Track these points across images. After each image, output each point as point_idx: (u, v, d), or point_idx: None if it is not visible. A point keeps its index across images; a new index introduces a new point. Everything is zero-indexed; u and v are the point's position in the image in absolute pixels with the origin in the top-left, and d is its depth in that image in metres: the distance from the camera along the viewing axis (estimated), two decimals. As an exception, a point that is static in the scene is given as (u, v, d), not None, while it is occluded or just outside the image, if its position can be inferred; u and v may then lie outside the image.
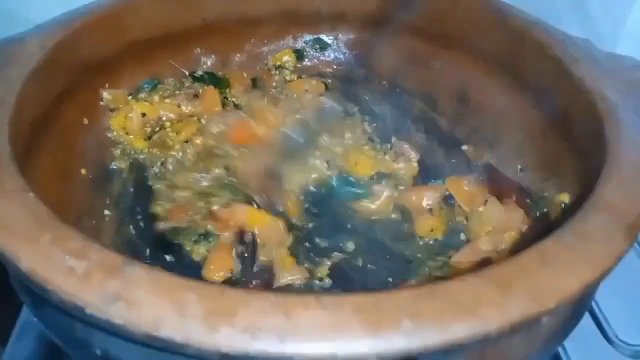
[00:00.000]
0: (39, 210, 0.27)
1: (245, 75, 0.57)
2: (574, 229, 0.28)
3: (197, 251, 0.44)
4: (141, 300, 0.23)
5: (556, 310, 0.25)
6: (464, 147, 0.53)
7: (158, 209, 0.46)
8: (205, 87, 0.54)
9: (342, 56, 0.61)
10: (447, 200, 0.49)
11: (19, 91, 0.37)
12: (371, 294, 0.24)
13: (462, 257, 0.44)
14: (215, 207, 0.46)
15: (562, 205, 0.42)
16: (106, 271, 0.24)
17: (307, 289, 0.42)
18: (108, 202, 0.46)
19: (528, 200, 0.46)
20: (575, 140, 0.42)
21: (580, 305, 0.33)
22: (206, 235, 0.44)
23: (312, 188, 0.50)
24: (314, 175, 0.50)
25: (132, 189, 0.48)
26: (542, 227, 0.43)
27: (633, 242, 0.29)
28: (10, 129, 0.33)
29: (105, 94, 0.49)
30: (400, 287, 0.27)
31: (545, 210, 0.44)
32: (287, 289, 0.42)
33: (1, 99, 0.35)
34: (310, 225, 0.47)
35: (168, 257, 0.44)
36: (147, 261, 0.43)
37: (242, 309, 0.23)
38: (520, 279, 0.25)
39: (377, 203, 0.49)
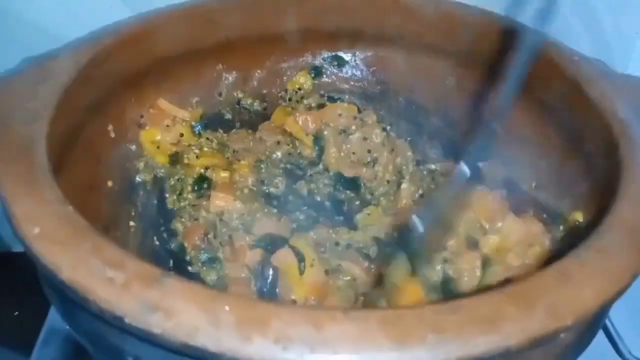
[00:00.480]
0: (78, 222, 0.29)
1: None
2: (591, 247, 0.29)
3: (207, 274, 0.45)
4: (178, 310, 0.24)
5: (573, 326, 0.26)
6: (480, 165, 0.54)
7: (178, 225, 0.48)
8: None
9: (359, 73, 0.62)
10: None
11: (54, 106, 0.38)
12: (396, 309, 0.25)
13: (494, 277, 0.43)
14: (240, 243, 0.45)
15: (577, 223, 0.43)
16: (144, 282, 0.25)
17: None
18: (133, 213, 0.47)
19: (545, 215, 0.47)
20: (590, 159, 0.43)
21: (597, 321, 0.33)
22: (213, 260, 0.45)
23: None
24: None
25: (155, 202, 0.49)
26: (565, 242, 0.44)
27: (649, 259, 0.30)
28: (47, 143, 0.35)
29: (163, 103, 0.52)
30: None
31: (561, 226, 0.45)
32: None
33: (38, 114, 0.37)
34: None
35: (190, 269, 0.45)
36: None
37: (274, 320, 0.24)
38: (540, 295, 0.26)
39: None
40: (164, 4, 0.53)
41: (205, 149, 0.53)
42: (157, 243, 0.46)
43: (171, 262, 0.45)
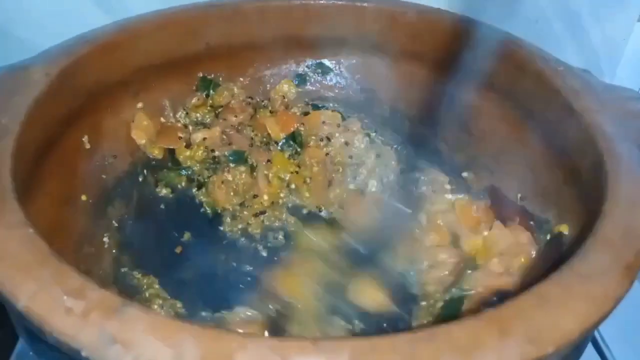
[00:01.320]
0: (39, 247, 0.27)
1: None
2: (573, 269, 0.28)
3: None
4: (138, 342, 0.23)
5: (555, 354, 0.25)
6: (464, 174, 0.53)
7: None
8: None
9: (343, 81, 0.61)
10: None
11: (22, 120, 0.37)
12: (368, 338, 0.24)
13: (476, 283, 0.43)
14: None
15: (562, 235, 0.42)
16: (104, 311, 0.24)
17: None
18: (108, 228, 0.46)
19: (532, 223, 0.46)
20: (576, 172, 0.42)
21: (582, 343, 0.33)
22: None
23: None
24: None
25: (132, 215, 0.48)
26: (551, 254, 0.43)
27: (633, 282, 0.29)
28: (13, 161, 0.34)
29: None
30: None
31: (548, 237, 0.44)
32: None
33: (5, 128, 0.36)
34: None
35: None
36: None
37: (240, 354, 0.23)
38: (519, 321, 0.25)
39: None
40: (143, 11, 0.52)
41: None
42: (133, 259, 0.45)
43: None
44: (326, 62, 0.60)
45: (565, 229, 0.42)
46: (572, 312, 0.26)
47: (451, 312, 0.41)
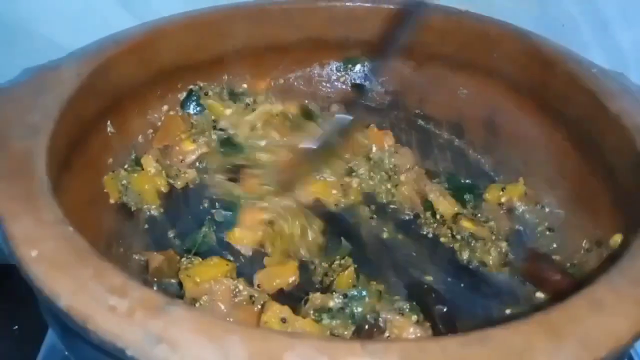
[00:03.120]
0: (79, 244, 0.27)
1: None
2: (622, 272, 0.28)
3: None
4: (184, 342, 0.22)
5: (607, 358, 0.25)
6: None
7: None
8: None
9: (368, 83, 0.60)
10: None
11: (55, 119, 0.37)
12: (418, 341, 0.23)
13: None
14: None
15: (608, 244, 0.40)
16: (148, 310, 0.23)
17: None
18: (136, 229, 0.45)
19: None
20: (613, 176, 0.41)
21: (627, 351, 0.32)
22: None
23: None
24: None
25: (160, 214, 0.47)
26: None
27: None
28: (48, 158, 0.33)
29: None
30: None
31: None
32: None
33: (39, 127, 0.35)
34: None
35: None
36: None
37: (287, 354, 0.22)
38: (571, 325, 0.25)
39: None
40: (169, 12, 0.52)
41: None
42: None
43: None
44: (350, 64, 0.60)
45: (618, 239, 0.40)
46: (624, 316, 0.26)
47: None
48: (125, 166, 0.48)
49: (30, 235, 0.27)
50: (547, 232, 0.47)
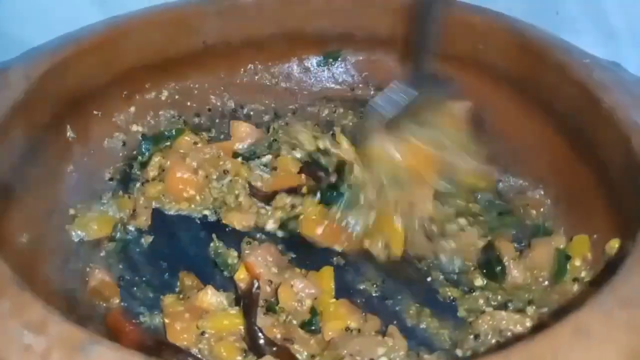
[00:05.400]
0: (0, 272, 0.24)
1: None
2: (614, 291, 0.25)
3: None
4: (104, 389, 0.20)
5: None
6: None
7: None
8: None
9: (350, 78, 0.57)
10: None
11: (-3, 128, 0.34)
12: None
13: None
14: None
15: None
16: (67, 350, 0.21)
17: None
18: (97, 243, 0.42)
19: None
20: (606, 173, 0.39)
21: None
22: None
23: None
24: None
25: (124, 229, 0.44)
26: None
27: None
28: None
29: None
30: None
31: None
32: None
33: (-24, 137, 0.33)
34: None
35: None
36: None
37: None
38: (557, 356, 0.22)
39: None
40: (138, 6, 0.49)
41: None
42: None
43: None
44: (331, 59, 0.57)
45: (615, 244, 0.37)
46: (612, 342, 0.23)
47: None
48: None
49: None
50: None
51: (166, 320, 0.36)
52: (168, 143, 0.48)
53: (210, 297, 0.37)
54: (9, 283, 0.23)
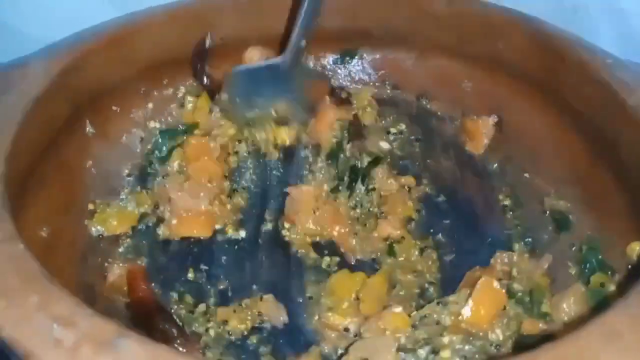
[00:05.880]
0: (27, 266, 0.24)
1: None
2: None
3: None
4: (134, 383, 0.20)
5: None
6: None
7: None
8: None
9: (366, 76, 0.57)
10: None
11: (19, 121, 0.34)
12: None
13: None
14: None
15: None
16: (96, 344, 0.21)
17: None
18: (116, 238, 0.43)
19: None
20: (629, 176, 0.39)
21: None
22: None
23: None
24: None
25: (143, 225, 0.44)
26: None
27: None
28: (7, 167, 0.31)
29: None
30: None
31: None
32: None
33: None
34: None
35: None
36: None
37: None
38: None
39: None
40: (152, 3, 0.49)
41: None
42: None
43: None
44: (348, 57, 0.57)
45: (637, 246, 0.37)
46: (643, 345, 0.22)
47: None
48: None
49: (-26, 255, 0.25)
50: None
51: None
52: (184, 137, 0.48)
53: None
54: (38, 277, 0.24)
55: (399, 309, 0.35)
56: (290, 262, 0.43)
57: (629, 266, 0.36)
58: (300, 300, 0.40)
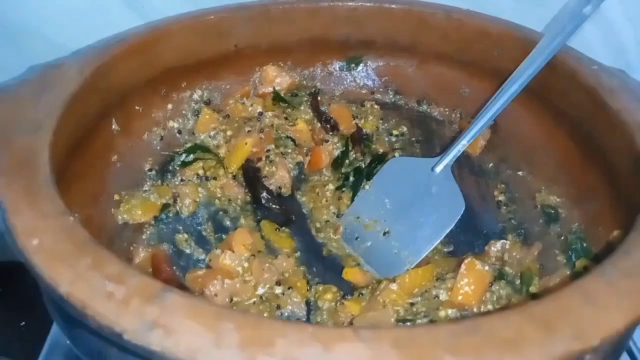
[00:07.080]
0: (79, 235, 0.28)
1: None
2: (616, 264, 0.28)
3: None
4: (178, 327, 0.23)
5: (600, 347, 0.25)
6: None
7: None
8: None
9: (370, 82, 0.61)
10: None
11: (58, 116, 0.37)
12: (410, 328, 0.23)
13: None
14: None
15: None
16: (144, 297, 0.24)
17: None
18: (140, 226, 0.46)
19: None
20: (613, 174, 0.41)
21: (623, 342, 0.32)
22: None
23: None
24: None
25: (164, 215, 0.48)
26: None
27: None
28: (50, 152, 0.34)
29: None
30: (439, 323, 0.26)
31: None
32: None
33: (42, 123, 0.36)
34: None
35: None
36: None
37: (280, 340, 0.22)
38: (563, 316, 0.25)
39: None
40: (173, 12, 0.53)
41: None
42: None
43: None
44: (353, 64, 0.60)
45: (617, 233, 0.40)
46: (616, 306, 0.26)
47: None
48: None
49: (32, 226, 0.28)
50: None
51: None
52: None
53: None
54: (88, 243, 0.27)
55: (394, 286, 0.38)
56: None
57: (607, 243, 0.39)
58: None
